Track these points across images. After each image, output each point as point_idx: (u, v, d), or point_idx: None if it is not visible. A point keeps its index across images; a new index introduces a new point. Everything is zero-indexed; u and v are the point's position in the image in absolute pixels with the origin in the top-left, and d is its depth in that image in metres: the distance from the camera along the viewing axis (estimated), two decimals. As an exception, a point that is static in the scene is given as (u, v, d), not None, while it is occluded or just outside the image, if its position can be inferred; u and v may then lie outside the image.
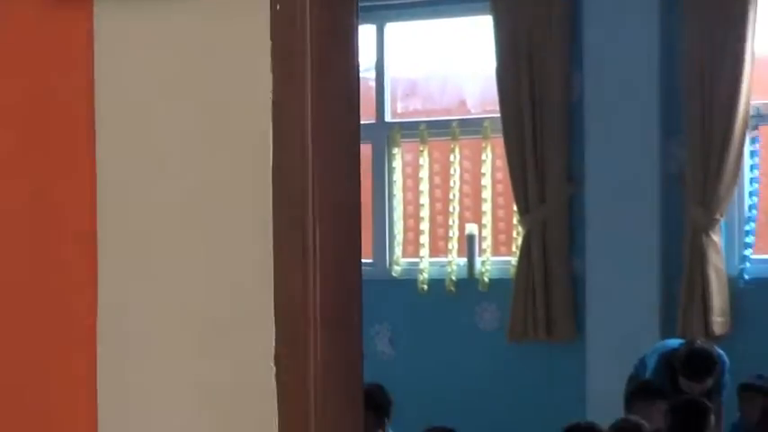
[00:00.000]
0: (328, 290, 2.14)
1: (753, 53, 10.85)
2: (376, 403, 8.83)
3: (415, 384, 11.62)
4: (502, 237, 12.25)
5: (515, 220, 11.78)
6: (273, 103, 2.13)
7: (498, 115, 11.72)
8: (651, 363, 9.79)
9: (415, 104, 13.33)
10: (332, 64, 2.23)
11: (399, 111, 13.07)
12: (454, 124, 12.24)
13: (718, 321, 10.89)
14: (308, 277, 2.15)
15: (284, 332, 2.16)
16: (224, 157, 2.21)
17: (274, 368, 2.18)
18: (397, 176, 12.48)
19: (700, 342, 9.90)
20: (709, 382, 9.47)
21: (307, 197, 2.13)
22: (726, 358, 9.65)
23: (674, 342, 9.93)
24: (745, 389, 9.49)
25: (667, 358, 9.68)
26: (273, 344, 2.18)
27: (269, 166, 2.13)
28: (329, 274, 2.19)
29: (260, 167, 2.12)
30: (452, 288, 12.01)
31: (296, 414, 2.20)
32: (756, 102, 11.06)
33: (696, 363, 9.44)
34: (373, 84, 12.66)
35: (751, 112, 10.98)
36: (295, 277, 2.14)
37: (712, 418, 8.13)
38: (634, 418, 8.79)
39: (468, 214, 12.25)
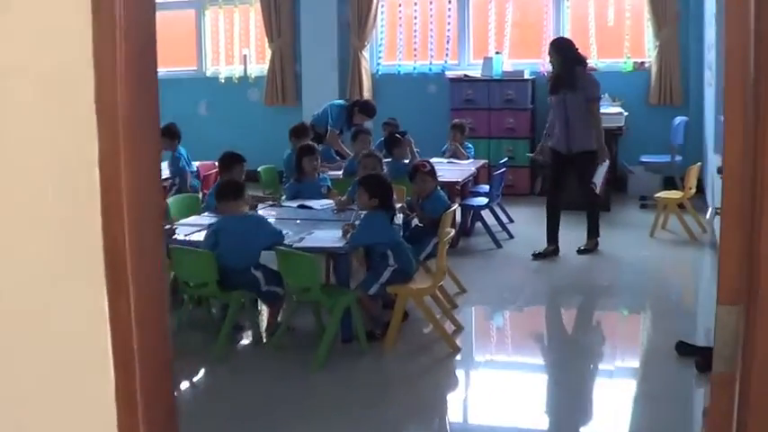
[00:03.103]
0: (132, 76, 1.86)
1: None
2: (171, 130, 9.35)
3: (218, 128, 12.91)
4: (260, 54, 13.29)
5: (267, 46, 13.00)
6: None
7: (257, -7, 12.97)
8: (330, 111, 10.20)
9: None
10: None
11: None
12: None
13: (366, 94, 12.36)
14: (116, 77, 1.86)
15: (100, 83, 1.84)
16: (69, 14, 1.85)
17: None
18: (207, 26, 13.56)
19: (366, 98, 11.34)
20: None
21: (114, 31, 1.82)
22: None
23: (340, 101, 10.78)
24: (385, 124, 10.07)
25: (343, 106, 10.38)
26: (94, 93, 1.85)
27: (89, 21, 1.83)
28: (130, 70, 1.88)
29: (84, 24, 1.81)
30: (236, 81, 13.30)
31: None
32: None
33: (371, 106, 10.31)
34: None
35: (380, -8, 12.47)
36: (107, 67, 1.85)
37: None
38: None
39: (243, 43, 13.37)
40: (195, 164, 10.07)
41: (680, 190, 9.39)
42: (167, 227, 6.51)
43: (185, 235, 6.35)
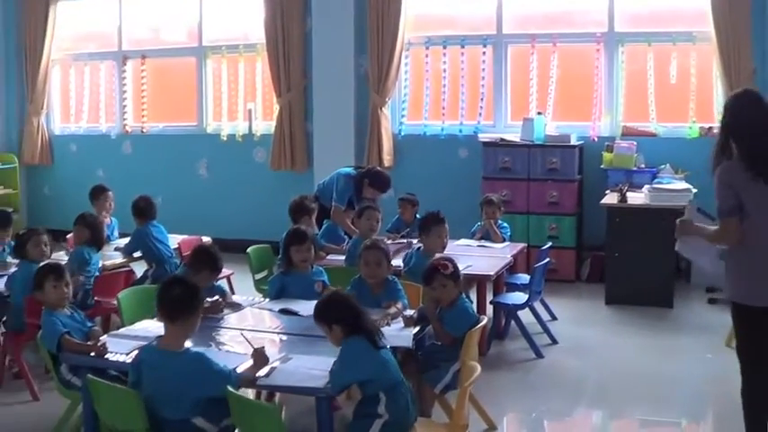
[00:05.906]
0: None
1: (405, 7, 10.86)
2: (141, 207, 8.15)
3: (219, 191, 12.03)
4: (267, 110, 11.94)
5: (275, 100, 11.62)
6: None
7: (265, 41, 11.57)
8: (336, 181, 8.73)
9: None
10: None
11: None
12: (240, 46, 11.98)
13: (387, 158, 11.03)
14: None
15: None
16: None
17: None
18: (209, 77, 12.20)
19: (378, 167, 9.38)
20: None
21: None
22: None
23: (348, 168, 9.07)
24: (401, 200, 8.89)
25: (351, 175, 8.78)
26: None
27: None
28: None
29: None
30: (240, 139, 11.96)
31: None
32: (408, 34, 11.01)
33: (384, 178, 8.66)
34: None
35: (405, 41, 10.99)
36: None
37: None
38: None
39: (249, 97, 12.04)
40: (176, 239, 8.53)
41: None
42: (91, 342, 4.90)
43: (116, 354, 4.60)
